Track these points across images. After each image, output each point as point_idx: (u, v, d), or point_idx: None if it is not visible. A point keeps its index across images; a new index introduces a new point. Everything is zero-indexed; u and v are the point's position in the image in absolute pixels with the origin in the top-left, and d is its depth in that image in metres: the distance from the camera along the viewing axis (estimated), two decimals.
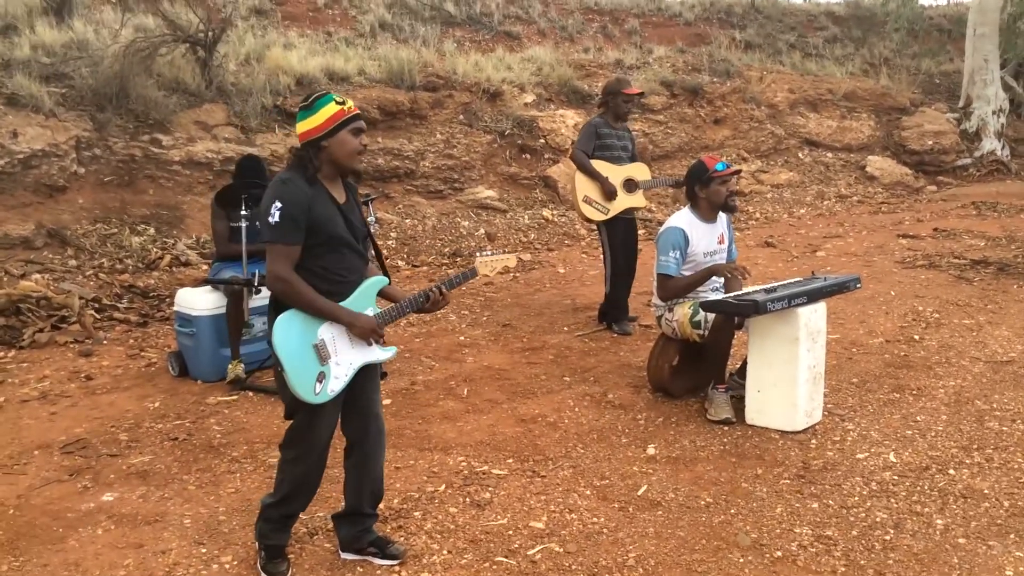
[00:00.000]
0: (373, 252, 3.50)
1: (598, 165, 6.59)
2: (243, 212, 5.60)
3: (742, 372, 5.02)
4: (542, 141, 11.95)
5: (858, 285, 5.11)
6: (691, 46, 16.26)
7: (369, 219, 5.46)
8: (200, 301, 5.69)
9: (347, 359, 3.19)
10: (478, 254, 3.63)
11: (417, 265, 9.04)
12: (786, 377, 4.60)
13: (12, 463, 4.42)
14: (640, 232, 7.23)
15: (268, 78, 10.49)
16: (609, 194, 6.55)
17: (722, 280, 5.12)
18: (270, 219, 3.03)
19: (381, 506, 3.59)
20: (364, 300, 3.26)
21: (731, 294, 4.76)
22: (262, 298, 5.77)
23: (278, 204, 3.02)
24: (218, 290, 5.72)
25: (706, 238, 5.15)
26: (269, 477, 4.18)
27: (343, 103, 3.13)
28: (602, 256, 6.90)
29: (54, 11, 11.11)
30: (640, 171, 6.80)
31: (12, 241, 7.74)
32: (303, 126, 3.12)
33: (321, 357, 3.11)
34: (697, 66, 14.93)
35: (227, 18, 11.37)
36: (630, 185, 6.64)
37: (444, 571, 3.37)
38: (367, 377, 3.32)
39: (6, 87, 8.55)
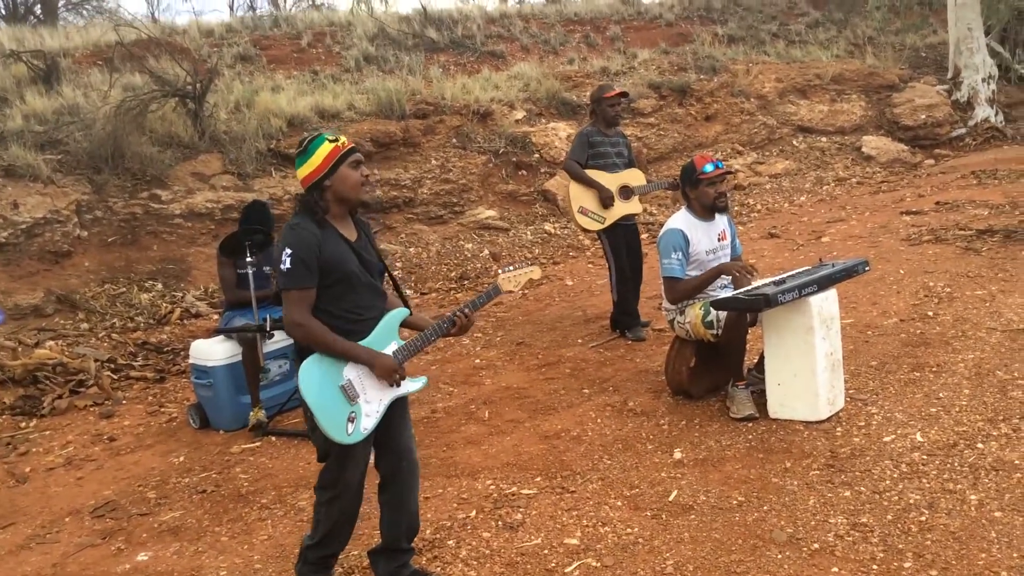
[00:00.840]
0: (391, 284, 3.50)
1: (592, 174, 6.60)
2: (248, 259, 5.64)
3: (760, 366, 5.01)
4: (536, 156, 11.99)
5: (867, 268, 5.09)
6: (674, 46, 16.31)
7: None
8: (215, 351, 5.72)
9: (377, 396, 3.19)
10: (500, 271, 3.60)
11: (425, 292, 9.06)
12: (805, 367, 4.59)
13: (44, 532, 4.44)
14: (644, 236, 7.23)
15: (259, 123, 10.56)
16: (606, 200, 6.57)
17: (731, 278, 5.12)
18: (282, 266, 3.06)
19: (415, 539, 3.59)
20: (387, 334, 3.26)
21: (741, 290, 4.75)
22: (276, 342, 5.82)
23: (288, 251, 3.05)
24: (231, 338, 5.74)
25: (706, 237, 5.16)
26: (300, 521, 4.19)
27: (336, 140, 3.16)
28: (606, 264, 6.91)
29: (42, 79, 11.24)
30: (634, 177, 6.80)
31: (23, 311, 7.79)
32: (303, 171, 3.15)
33: (349, 397, 3.11)
34: (683, 65, 14.98)
35: (213, 68, 11.49)
36: (625, 192, 6.66)
37: None
38: (397, 413, 3.33)
39: (3, 159, 8.63)
